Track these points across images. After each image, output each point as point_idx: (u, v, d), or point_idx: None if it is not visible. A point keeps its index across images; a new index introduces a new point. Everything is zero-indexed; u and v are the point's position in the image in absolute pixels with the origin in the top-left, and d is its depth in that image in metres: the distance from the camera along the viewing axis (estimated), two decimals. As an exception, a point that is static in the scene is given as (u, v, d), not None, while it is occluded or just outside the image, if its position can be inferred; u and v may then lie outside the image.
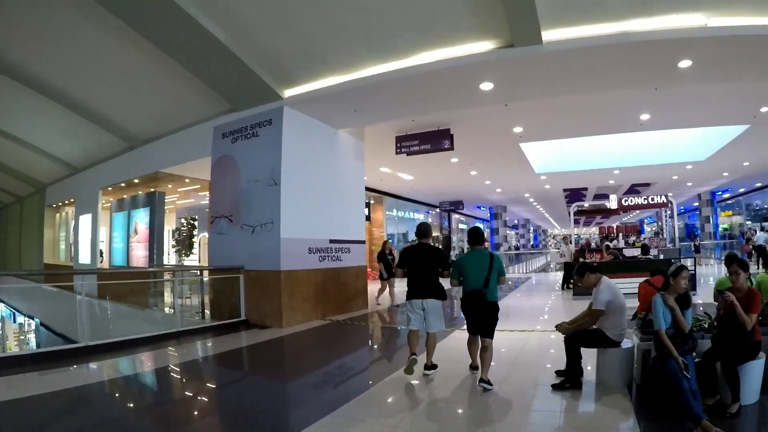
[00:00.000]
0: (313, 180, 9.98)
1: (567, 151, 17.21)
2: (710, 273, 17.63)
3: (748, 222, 32.74)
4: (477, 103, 9.33)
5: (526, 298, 13.10)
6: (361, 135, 11.69)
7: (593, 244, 15.81)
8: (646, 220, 42.20)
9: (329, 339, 8.49)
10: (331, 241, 10.33)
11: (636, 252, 13.80)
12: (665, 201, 15.34)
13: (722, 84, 9.01)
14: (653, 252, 13.73)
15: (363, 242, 11.64)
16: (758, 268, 17.54)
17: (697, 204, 29.72)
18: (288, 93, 9.26)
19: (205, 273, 11.30)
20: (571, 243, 14.90)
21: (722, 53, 7.14)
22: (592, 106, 10.85)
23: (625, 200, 15.40)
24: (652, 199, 15.38)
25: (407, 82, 8.19)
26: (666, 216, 18.58)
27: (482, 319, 5.06)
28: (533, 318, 9.39)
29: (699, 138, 16.12)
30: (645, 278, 6.20)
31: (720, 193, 29.20)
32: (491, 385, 4.78)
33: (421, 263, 5.47)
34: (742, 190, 29.23)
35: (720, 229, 28.06)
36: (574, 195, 26.48)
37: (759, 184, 26.86)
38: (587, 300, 5.23)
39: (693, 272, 11.69)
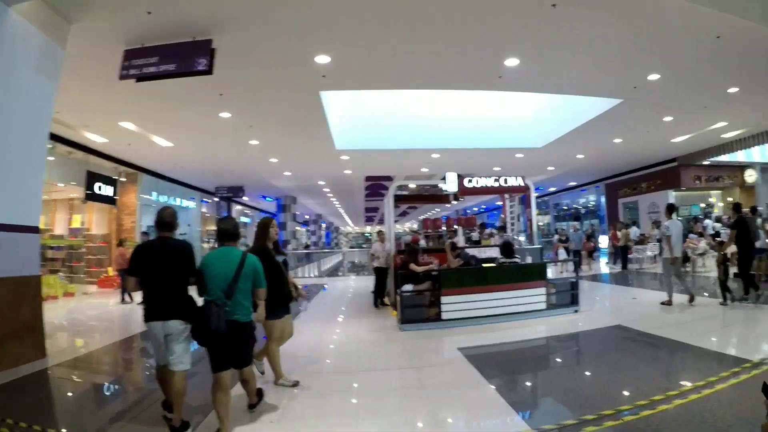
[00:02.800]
0: None
1: (378, 124, 14.19)
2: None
3: (542, 223, 34.48)
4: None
5: (326, 326, 8.65)
6: (60, 36, 6.67)
7: (424, 242, 12.01)
8: (439, 215, 42.11)
9: None
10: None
11: (490, 253, 10.25)
12: (523, 184, 11.59)
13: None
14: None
15: (35, 230, 6.45)
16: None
17: (500, 203, 30.00)
18: None
19: None
20: (386, 241, 10.89)
21: None
22: (443, 37, 7.72)
23: (469, 181, 11.21)
24: (505, 181, 11.37)
25: None
26: (512, 206, 15.36)
27: (226, 347, 3.78)
28: (364, 402, 4.66)
29: (537, 123, 14.69)
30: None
31: (531, 190, 29.84)
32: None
33: (158, 268, 3.81)
34: (552, 189, 30.44)
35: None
36: (376, 188, 24.01)
37: (573, 183, 27.99)
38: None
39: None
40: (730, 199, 23.29)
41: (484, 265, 9.17)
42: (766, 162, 22.72)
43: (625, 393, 4.43)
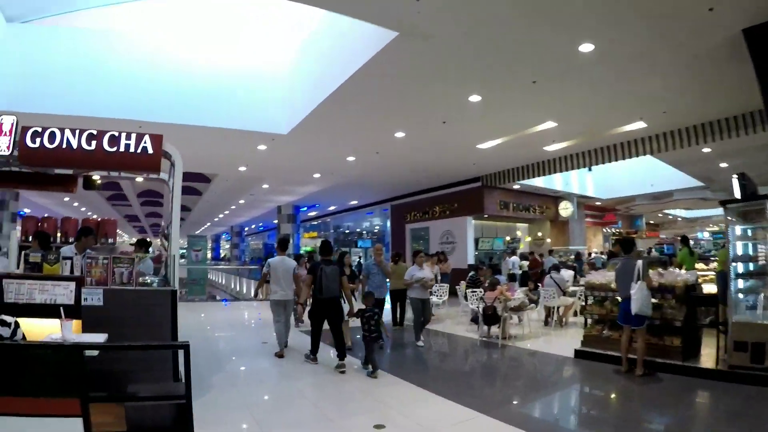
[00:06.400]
0: None
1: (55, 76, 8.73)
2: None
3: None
4: None
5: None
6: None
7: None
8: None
9: None
10: None
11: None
12: (152, 150, 4.74)
13: None
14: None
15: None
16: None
17: (276, 221, 25.26)
18: None
19: None
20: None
21: None
22: None
23: (36, 134, 4.38)
24: (114, 140, 4.61)
25: None
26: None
27: None
28: None
29: (289, 93, 10.07)
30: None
31: (305, 209, 25.41)
32: None
33: None
34: (333, 207, 26.53)
35: (303, 252, 23.07)
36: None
37: (355, 202, 24.36)
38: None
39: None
40: (540, 234, 20.48)
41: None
42: (583, 194, 19.78)
43: None
